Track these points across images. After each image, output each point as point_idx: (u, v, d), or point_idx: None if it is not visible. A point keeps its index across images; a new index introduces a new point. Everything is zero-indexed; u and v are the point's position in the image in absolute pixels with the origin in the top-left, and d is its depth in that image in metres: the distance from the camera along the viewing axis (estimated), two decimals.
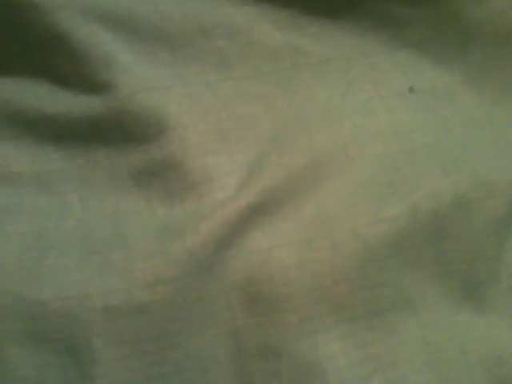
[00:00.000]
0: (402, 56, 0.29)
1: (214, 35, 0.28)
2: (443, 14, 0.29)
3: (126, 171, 0.26)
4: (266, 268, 0.23)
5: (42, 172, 0.26)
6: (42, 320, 0.22)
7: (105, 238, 0.25)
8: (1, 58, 0.27)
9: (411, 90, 0.29)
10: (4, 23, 0.27)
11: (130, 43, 0.27)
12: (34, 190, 0.26)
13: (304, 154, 0.26)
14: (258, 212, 0.24)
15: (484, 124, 0.28)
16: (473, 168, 0.26)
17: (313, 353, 0.23)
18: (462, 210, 0.25)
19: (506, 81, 0.29)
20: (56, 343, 0.22)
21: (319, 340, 0.23)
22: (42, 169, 0.27)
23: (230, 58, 0.28)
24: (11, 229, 0.25)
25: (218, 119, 0.26)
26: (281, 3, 0.29)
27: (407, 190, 0.25)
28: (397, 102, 0.28)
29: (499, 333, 0.24)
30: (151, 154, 0.26)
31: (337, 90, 0.28)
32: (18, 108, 0.27)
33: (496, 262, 0.25)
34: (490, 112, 0.28)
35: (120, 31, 0.27)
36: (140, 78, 0.26)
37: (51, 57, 0.27)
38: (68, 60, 0.26)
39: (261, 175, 0.25)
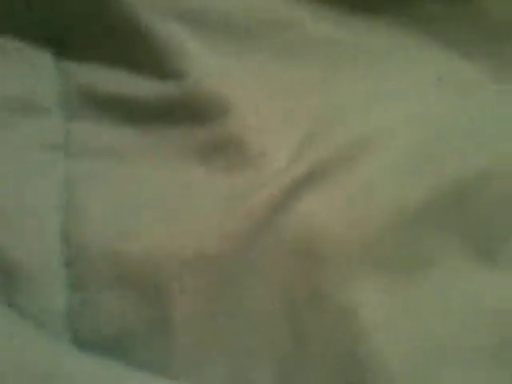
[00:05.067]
0: (433, 51, 0.33)
1: (273, 29, 0.32)
2: (474, 13, 0.32)
3: (191, 148, 0.30)
4: (315, 228, 0.27)
5: (118, 146, 0.30)
6: (127, 267, 0.26)
7: (176, 204, 0.28)
8: (81, 45, 0.32)
9: (439, 80, 0.32)
10: (84, 13, 0.31)
11: (198, 35, 0.31)
12: (111, 162, 0.30)
13: (350, 134, 0.29)
14: (308, 181, 0.28)
15: (509, 119, 0.30)
16: (496, 151, 0.29)
17: (351, 300, 0.26)
18: (483, 183, 0.28)
19: None
20: (138, 284, 0.26)
21: (357, 288, 0.26)
22: (118, 143, 0.30)
23: (285, 51, 0.32)
24: (97, 194, 0.28)
25: (272, 103, 0.31)
26: (329, 3, 0.33)
27: (437, 166, 0.28)
28: (427, 91, 0.31)
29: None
30: (215, 133, 0.30)
31: (373, 79, 0.32)
32: (97, 91, 0.31)
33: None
34: None
35: (190, 23, 0.31)
36: (208, 66, 0.30)
37: (129, 47, 0.31)
38: (143, 50, 0.31)
39: (310, 150, 0.29)
